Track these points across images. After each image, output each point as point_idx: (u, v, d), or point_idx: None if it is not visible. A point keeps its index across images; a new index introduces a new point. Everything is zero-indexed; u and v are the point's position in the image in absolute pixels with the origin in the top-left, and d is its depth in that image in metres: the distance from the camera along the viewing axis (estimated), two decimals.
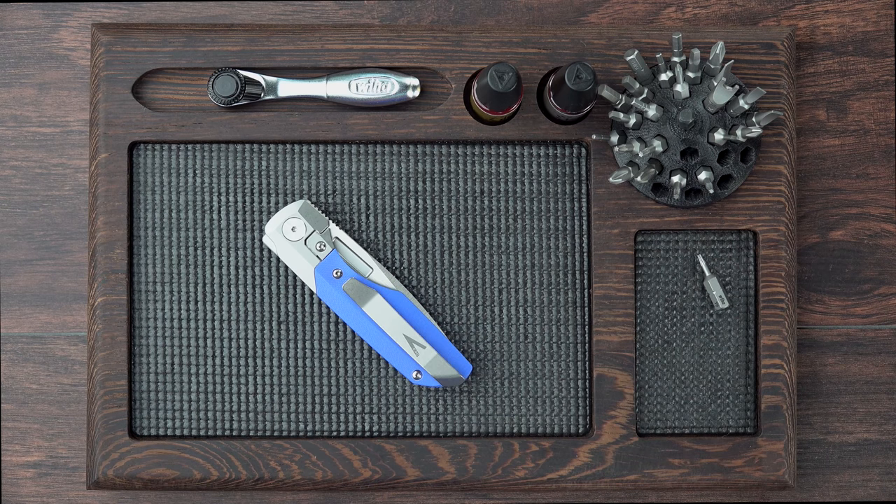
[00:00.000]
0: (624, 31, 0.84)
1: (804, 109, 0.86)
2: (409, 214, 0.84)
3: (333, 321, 0.84)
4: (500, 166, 0.84)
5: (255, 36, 0.84)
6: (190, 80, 0.84)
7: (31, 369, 0.85)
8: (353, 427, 0.84)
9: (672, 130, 0.80)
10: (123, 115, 0.83)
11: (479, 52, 0.84)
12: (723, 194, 0.83)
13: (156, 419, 0.84)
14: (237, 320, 0.84)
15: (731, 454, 0.83)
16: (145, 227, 0.84)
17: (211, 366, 0.84)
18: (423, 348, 0.82)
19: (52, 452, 0.85)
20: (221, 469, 0.83)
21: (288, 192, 0.84)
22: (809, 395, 0.85)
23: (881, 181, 0.86)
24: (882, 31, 0.86)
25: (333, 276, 0.82)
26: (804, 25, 0.86)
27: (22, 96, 0.86)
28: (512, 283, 0.84)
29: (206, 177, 0.84)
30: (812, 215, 0.86)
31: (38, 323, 0.85)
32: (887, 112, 0.86)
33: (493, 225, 0.84)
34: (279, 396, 0.84)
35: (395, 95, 0.83)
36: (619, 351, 0.83)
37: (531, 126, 0.84)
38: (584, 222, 0.84)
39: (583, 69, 0.78)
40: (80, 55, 0.86)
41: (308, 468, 0.83)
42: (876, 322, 0.85)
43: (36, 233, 0.85)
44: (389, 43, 0.84)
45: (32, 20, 0.86)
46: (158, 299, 0.84)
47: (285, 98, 0.84)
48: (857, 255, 0.86)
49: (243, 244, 0.84)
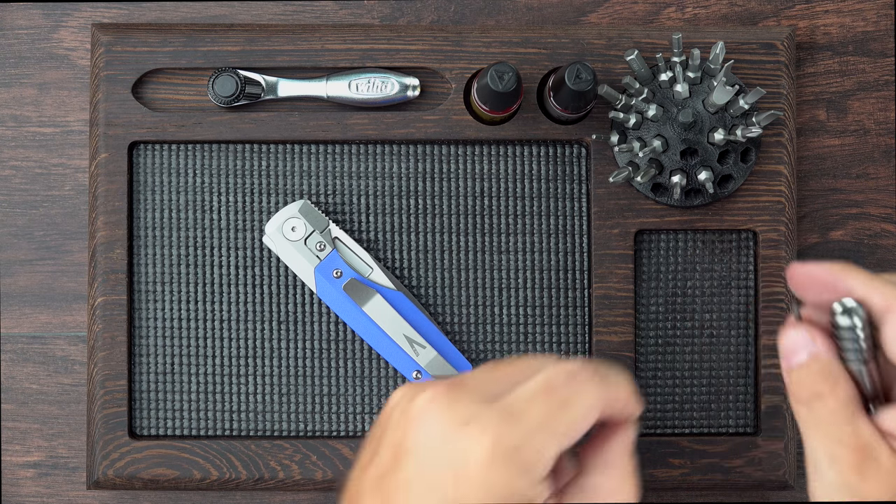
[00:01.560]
0: (624, 31, 0.84)
1: (804, 109, 0.86)
2: (409, 214, 0.84)
3: (333, 321, 0.84)
4: (500, 166, 0.84)
5: (255, 36, 0.84)
6: (190, 80, 0.84)
7: (31, 369, 0.85)
8: (353, 427, 0.84)
9: (672, 130, 0.80)
10: (123, 115, 0.83)
11: (479, 52, 0.84)
12: (723, 194, 0.83)
13: (156, 419, 0.84)
14: (237, 320, 0.84)
15: (731, 454, 0.83)
16: (145, 227, 0.84)
17: (211, 366, 0.84)
18: (423, 348, 0.82)
19: (52, 452, 0.85)
20: (221, 469, 0.83)
21: (288, 192, 0.84)
22: None
23: (881, 181, 0.86)
24: (882, 31, 0.86)
25: (333, 276, 0.82)
26: (804, 25, 0.86)
27: (22, 96, 0.86)
28: (512, 283, 0.84)
29: (206, 177, 0.84)
30: (812, 215, 0.86)
31: (38, 323, 0.85)
32: (887, 112, 0.86)
33: (493, 225, 0.84)
34: (279, 396, 0.84)
35: (395, 95, 0.83)
36: (619, 351, 0.83)
37: (531, 126, 0.84)
38: (584, 222, 0.84)
39: (583, 69, 0.78)
40: (80, 55, 0.86)
41: (308, 468, 0.83)
42: None
43: (36, 233, 0.85)
44: (389, 43, 0.84)
45: (32, 20, 0.86)
46: (158, 299, 0.84)
47: (285, 98, 0.84)
48: (857, 255, 0.86)
49: (243, 244, 0.84)
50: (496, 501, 0.63)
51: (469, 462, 0.63)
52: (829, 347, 0.66)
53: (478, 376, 0.66)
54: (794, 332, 0.67)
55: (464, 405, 0.64)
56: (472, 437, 0.63)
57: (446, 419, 0.64)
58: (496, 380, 0.66)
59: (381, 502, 0.65)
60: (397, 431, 0.66)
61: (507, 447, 0.63)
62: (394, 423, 0.66)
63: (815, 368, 0.66)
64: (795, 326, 0.67)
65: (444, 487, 0.63)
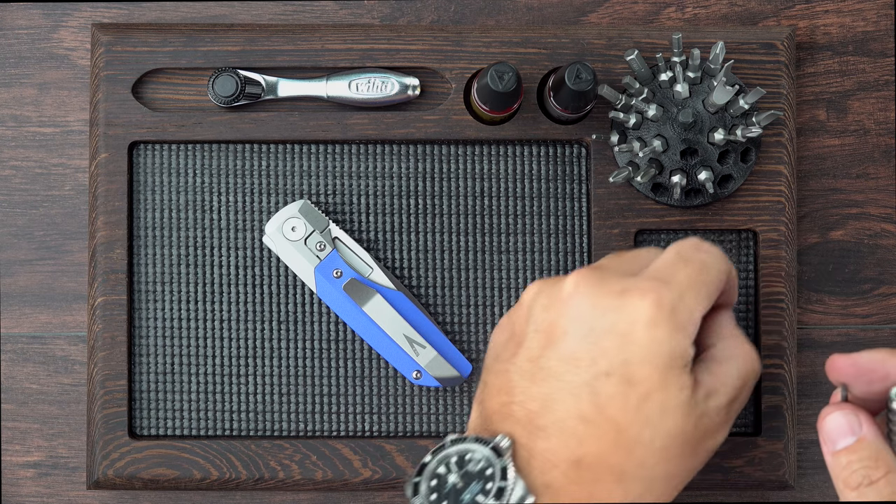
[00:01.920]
0: (624, 31, 0.84)
1: (804, 109, 0.86)
2: (409, 214, 0.84)
3: (333, 321, 0.84)
4: (500, 166, 0.84)
5: (255, 36, 0.84)
6: (190, 80, 0.84)
7: (31, 369, 0.85)
8: (353, 427, 0.84)
9: (672, 130, 0.80)
10: (123, 115, 0.83)
11: (479, 52, 0.84)
12: (723, 194, 0.83)
13: (156, 419, 0.84)
14: (237, 320, 0.84)
15: (731, 454, 0.83)
16: (145, 227, 0.84)
17: (211, 366, 0.84)
18: (423, 348, 0.82)
19: (52, 452, 0.85)
20: (221, 469, 0.83)
21: (288, 192, 0.84)
22: (809, 395, 0.85)
23: (881, 181, 0.86)
24: (882, 31, 0.86)
25: (333, 276, 0.82)
26: (804, 25, 0.86)
27: (22, 96, 0.86)
28: (512, 283, 0.84)
29: (206, 177, 0.84)
30: (812, 215, 0.86)
31: (38, 323, 0.85)
32: (887, 112, 0.86)
33: (493, 225, 0.84)
34: (279, 396, 0.84)
35: (395, 95, 0.83)
36: None
37: (531, 126, 0.84)
38: (584, 222, 0.84)
39: (583, 69, 0.78)
40: (80, 55, 0.86)
41: (308, 468, 0.83)
42: (876, 322, 0.85)
43: (36, 233, 0.85)
44: (389, 43, 0.84)
45: (32, 20, 0.86)
46: (158, 299, 0.84)
47: (285, 98, 0.84)
48: (857, 255, 0.86)
49: (243, 244, 0.84)
50: (660, 359, 0.67)
51: (635, 325, 0.67)
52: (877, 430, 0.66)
53: (608, 262, 0.72)
54: (840, 415, 0.66)
55: (614, 280, 0.69)
56: (633, 302, 0.68)
57: (601, 294, 0.68)
58: (627, 261, 0.72)
59: (544, 379, 0.68)
60: (547, 316, 0.69)
61: (667, 308, 0.67)
62: (539, 312, 0.70)
63: (865, 454, 0.65)
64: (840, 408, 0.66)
65: (610, 353, 0.67)
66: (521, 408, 0.69)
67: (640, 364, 0.67)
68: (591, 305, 0.68)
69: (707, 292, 0.70)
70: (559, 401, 0.67)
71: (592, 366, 0.67)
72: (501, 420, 0.69)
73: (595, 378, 0.67)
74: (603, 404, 0.67)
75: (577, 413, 0.67)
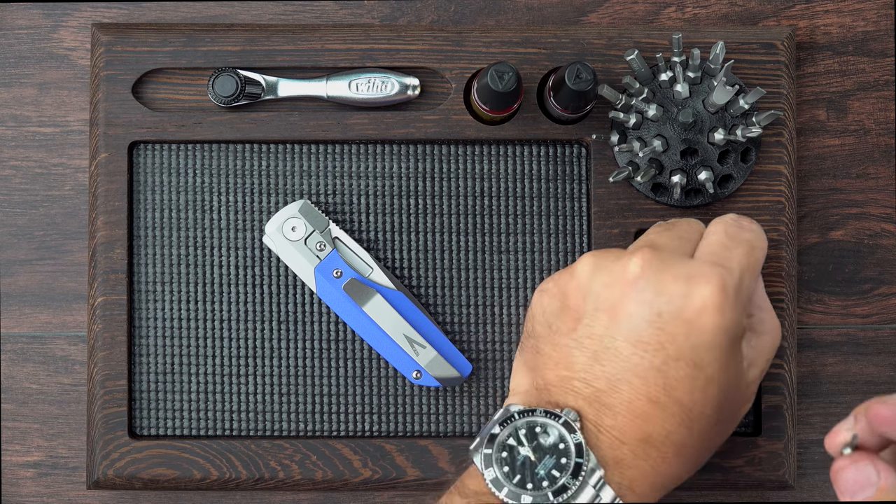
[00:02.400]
0: (624, 31, 0.84)
1: (804, 109, 0.86)
2: (409, 214, 0.84)
3: (333, 321, 0.84)
4: (500, 166, 0.84)
5: (255, 36, 0.84)
6: (190, 80, 0.84)
7: (31, 369, 0.85)
8: (353, 427, 0.84)
9: (672, 130, 0.80)
10: (123, 115, 0.83)
11: (479, 52, 0.84)
12: (723, 194, 0.83)
13: (156, 419, 0.84)
14: (237, 320, 0.84)
15: (731, 454, 0.83)
16: (145, 227, 0.84)
17: (211, 366, 0.84)
18: (423, 348, 0.82)
19: (52, 452, 0.85)
20: (221, 469, 0.83)
21: (288, 192, 0.84)
22: (809, 395, 0.85)
23: (881, 181, 0.86)
24: (882, 31, 0.86)
25: (333, 276, 0.82)
26: (804, 25, 0.86)
27: (22, 96, 0.86)
28: (512, 283, 0.84)
29: (206, 177, 0.84)
30: (812, 215, 0.86)
31: (38, 323, 0.85)
32: (887, 112, 0.86)
33: (493, 225, 0.84)
34: (279, 396, 0.84)
35: (395, 95, 0.83)
36: None
37: (531, 126, 0.84)
38: (584, 222, 0.84)
39: (583, 69, 0.78)
40: (80, 55, 0.86)
41: (308, 468, 0.83)
42: (876, 322, 0.85)
43: (36, 233, 0.85)
44: (389, 43, 0.84)
45: (32, 20, 0.86)
46: (158, 299, 0.84)
47: (285, 98, 0.84)
48: (857, 255, 0.86)
49: (243, 244, 0.84)
50: (726, 342, 0.71)
51: (702, 312, 0.71)
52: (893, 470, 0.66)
53: (660, 239, 0.74)
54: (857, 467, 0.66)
55: (679, 264, 0.72)
56: (699, 289, 0.71)
57: (667, 279, 0.71)
58: (678, 238, 0.75)
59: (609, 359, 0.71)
60: (610, 295, 0.72)
61: (731, 293, 0.71)
62: (600, 289, 0.73)
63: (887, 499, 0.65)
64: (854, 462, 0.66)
65: (678, 339, 0.71)
66: (586, 385, 0.72)
67: (707, 349, 0.71)
68: (656, 291, 0.71)
69: (757, 272, 0.75)
70: (627, 381, 0.71)
71: (661, 350, 0.71)
72: (563, 393, 0.72)
73: (664, 363, 0.71)
74: (672, 387, 0.71)
75: (645, 394, 0.71)
